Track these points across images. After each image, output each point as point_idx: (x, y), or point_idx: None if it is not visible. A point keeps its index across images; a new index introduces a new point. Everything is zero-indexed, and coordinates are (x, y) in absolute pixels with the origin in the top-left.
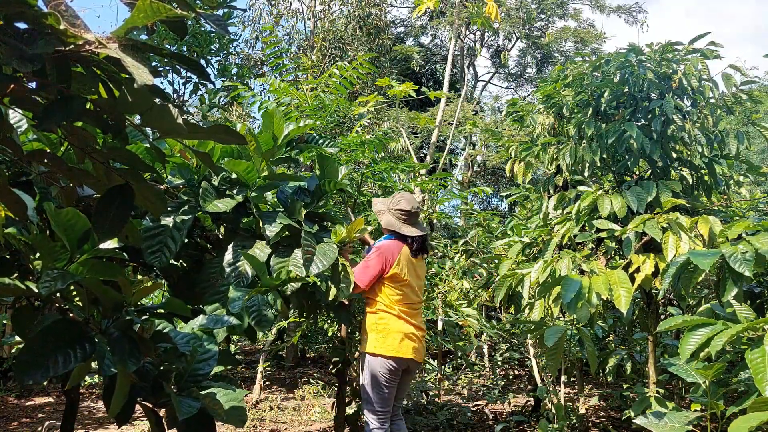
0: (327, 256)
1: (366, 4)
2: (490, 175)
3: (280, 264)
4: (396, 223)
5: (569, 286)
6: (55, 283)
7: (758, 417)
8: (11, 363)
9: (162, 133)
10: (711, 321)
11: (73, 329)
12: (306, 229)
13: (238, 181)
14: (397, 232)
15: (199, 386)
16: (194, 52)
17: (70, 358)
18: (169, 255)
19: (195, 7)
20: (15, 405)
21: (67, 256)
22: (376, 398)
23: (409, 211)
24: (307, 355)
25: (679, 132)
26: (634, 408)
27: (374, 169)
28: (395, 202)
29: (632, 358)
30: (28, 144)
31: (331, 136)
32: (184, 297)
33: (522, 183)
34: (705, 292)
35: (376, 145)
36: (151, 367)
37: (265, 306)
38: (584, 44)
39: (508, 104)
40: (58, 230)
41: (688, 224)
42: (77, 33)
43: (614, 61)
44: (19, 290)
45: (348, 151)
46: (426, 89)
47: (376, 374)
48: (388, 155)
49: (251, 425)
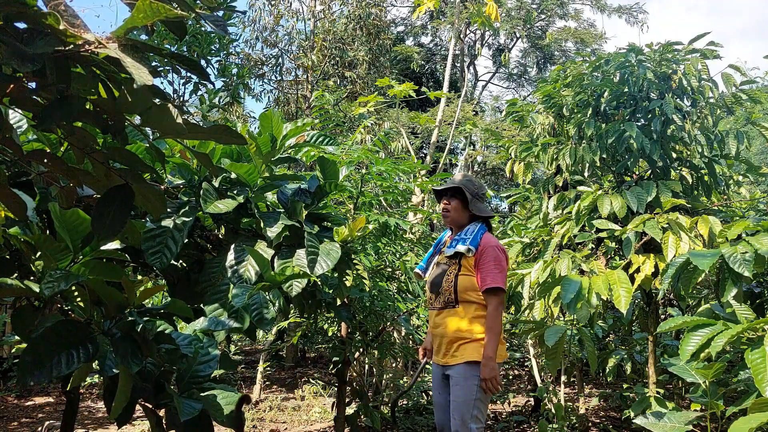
0: (331, 255)
1: (366, 4)
2: (490, 175)
3: (283, 265)
4: (487, 209)
5: (569, 286)
6: (58, 283)
7: (758, 418)
8: (11, 363)
9: (162, 133)
10: (711, 321)
11: (76, 330)
12: (307, 229)
13: (239, 182)
14: (488, 220)
15: (199, 388)
16: (194, 52)
17: (74, 359)
18: (170, 256)
19: (195, 8)
20: (15, 405)
21: (70, 256)
22: (485, 411)
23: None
24: (307, 355)
25: (678, 132)
26: (634, 408)
27: (377, 168)
28: (478, 185)
29: (632, 358)
30: (28, 144)
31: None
32: (184, 297)
33: (522, 183)
34: (705, 292)
35: (378, 147)
36: (153, 368)
37: (266, 305)
38: (585, 45)
39: (508, 104)
40: (62, 231)
41: (688, 224)
42: (77, 33)
43: (614, 61)
44: (19, 290)
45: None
46: (426, 89)
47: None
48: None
49: (251, 425)
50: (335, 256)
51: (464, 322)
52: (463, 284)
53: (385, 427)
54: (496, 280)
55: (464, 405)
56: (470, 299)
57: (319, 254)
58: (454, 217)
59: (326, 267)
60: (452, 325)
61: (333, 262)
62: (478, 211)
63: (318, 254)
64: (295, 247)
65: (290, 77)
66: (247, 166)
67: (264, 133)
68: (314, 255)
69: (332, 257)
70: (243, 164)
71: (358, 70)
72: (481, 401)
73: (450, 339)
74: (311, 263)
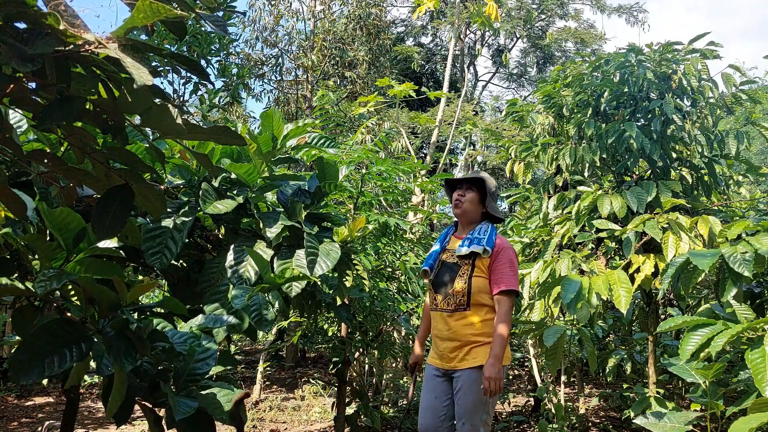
0: (330, 256)
1: (366, 4)
2: (490, 175)
3: (283, 265)
4: (500, 211)
5: (569, 286)
6: (50, 282)
7: (758, 418)
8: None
9: (162, 133)
10: (711, 321)
11: (70, 329)
12: (307, 230)
13: (239, 182)
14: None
15: (198, 386)
16: (194, 52)
17: (66, 358)
18: (170, 256)
19: (195, 8)
20: (15, 405)
21: (64, 255)
22: (492, 414)
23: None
24: (307, 355)
25: (678, 132)
26: (634, 408)
27: (377, 168)
28: (496, 186)
29: (632, 358)
30: (28, 144)
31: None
32: (184, 297)
33: (522, 183)
34: (705, 292)
35: (379, 147)
36: (150, 366)
37: (265, 305)
38: (585, 45)
39: (508, 104)
40: (53, 230)
41: (688, 224)
42: (77, 33)
43: (614, 61)
44: (18, 290)
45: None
46: (426, 89)
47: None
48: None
49: (251, 425)
50: (335, 257)
51: (476, 325)
52: (477, 286)
53: (385, 427)
54: (512, 283)
55: (475, 410)
56: (482, 302)
57: (319, 254)
58: (466, 209)
59: (326, 267)
60: (463, 329)
61: (333, 263)
62: (492, 210)
63: (318, 255)
64: (294, 248)
65: (290, 77)
66: (246, 167)
67: (265, 132)
68: (314, 255)
69: (332, 257)
70: (242, 164)
71: (358, 70)
72: (491, 405)
73: (460, 343)
74: (311, 264)
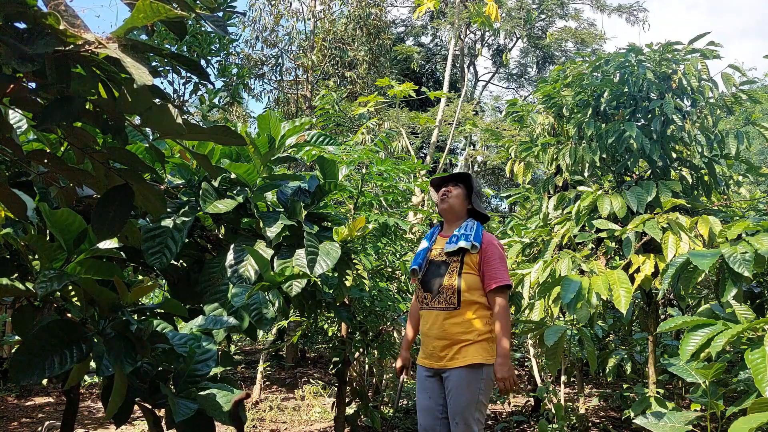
0: (330, 255)
1: (366, 4)
2: (490, 175)
3: (283, 265)
4: (483, 208)
5: (569, 286)
6: (51, 283)
7: (758, 418)
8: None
9: (162, 133)
10: (711, 321)
11: (70, 330)
12: (307, 229)
13: (239, 182)
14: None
15: (197, 387)
16: (194, 52)
17: (66, 359)
18: (170, 256)
19: (195, 8)
20: (15, 405)
21: (65, 256)
22: (485, 412)
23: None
24: (307, 355)
25: (678, 132)
26: (634, 408)
27: (377, 168)
28: (479, 184)
29: (632, 358)
30: (28, 144)
31: (332, 136)
32: (184, 297)
33: (522, 183)
34: (705, 292)
35: (379, 147)
36: (149, 367)
37: (265, 304)
38: (585, 45)
39: (508, 104)
40: (54, 231)
41: (688, 224)
42: (77, 33)
43: (614, 61)
44: (18, 291)
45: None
46: (426, 89)
47: (490, 387)
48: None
49: (251, 425)
50: (335, 256)
51: (466, 323)
52: (467, 283)
53: (385, 427)
54: (505, 278)
55: (467, 409)
56: (473, 299)
57: (319, 254)
58: (453, 204)
59: (326, 267)
60: (453, 327)
61: (333, 262)
62: (477, 207)
63: (318, 254)
64: (294, 247)
65: (290, 77)
66: (246, 166)
67: (262, 134)
68: (314, 255)
69: (332, 257)
70: (242, 164)
71: (358, 70)
72: (483, 404)
73: (450, 341)
74: (311, 263)
